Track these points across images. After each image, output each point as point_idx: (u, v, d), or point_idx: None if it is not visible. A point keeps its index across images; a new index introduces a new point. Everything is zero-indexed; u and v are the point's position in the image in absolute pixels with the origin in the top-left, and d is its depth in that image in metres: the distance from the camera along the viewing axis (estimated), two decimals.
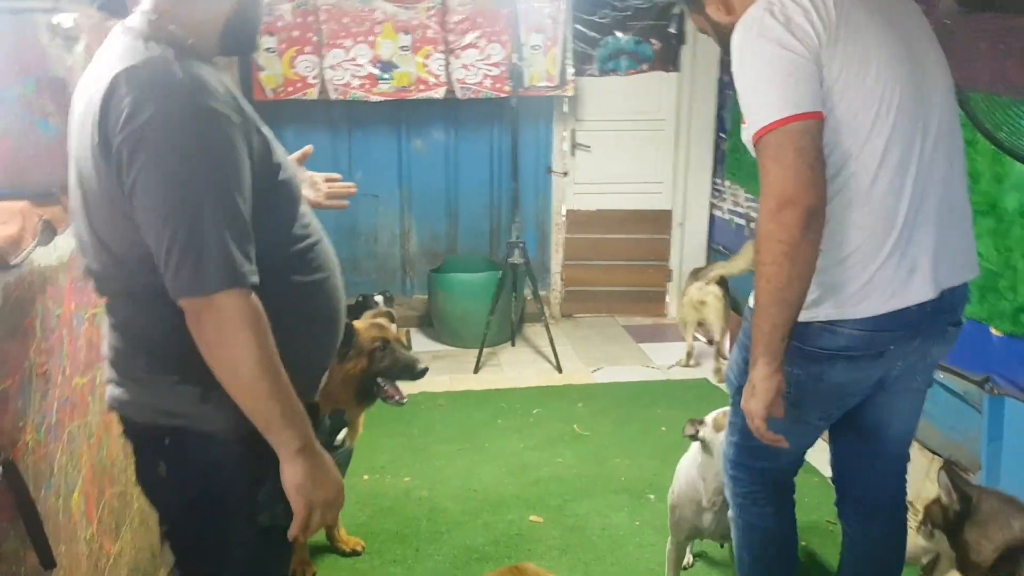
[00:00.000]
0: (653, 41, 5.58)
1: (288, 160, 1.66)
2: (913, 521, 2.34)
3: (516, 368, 5.08)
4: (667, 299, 6.06)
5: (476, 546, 3.14)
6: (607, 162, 5.77)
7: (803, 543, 2.99)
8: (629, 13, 5.50)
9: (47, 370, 1.90)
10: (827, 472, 3.47)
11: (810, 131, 1.68)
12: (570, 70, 5.32)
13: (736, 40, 1.78)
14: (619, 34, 5.54)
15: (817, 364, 1.91)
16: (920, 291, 1.84)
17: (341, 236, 5.67)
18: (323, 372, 1.79)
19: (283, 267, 1.59)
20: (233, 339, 1.39)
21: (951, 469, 2.21)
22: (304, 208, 1.67)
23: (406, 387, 2.88)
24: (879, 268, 1.82)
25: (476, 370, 4.97)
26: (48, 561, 1.70)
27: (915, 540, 2.31)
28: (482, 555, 3.08)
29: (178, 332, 1.43)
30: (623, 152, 5.76)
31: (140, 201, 1.38)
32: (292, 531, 1.54)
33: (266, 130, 1.57)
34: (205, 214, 1.36)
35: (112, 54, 1.48)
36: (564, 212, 5.87)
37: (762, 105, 1.70)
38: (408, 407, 2.94)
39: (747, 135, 1.77)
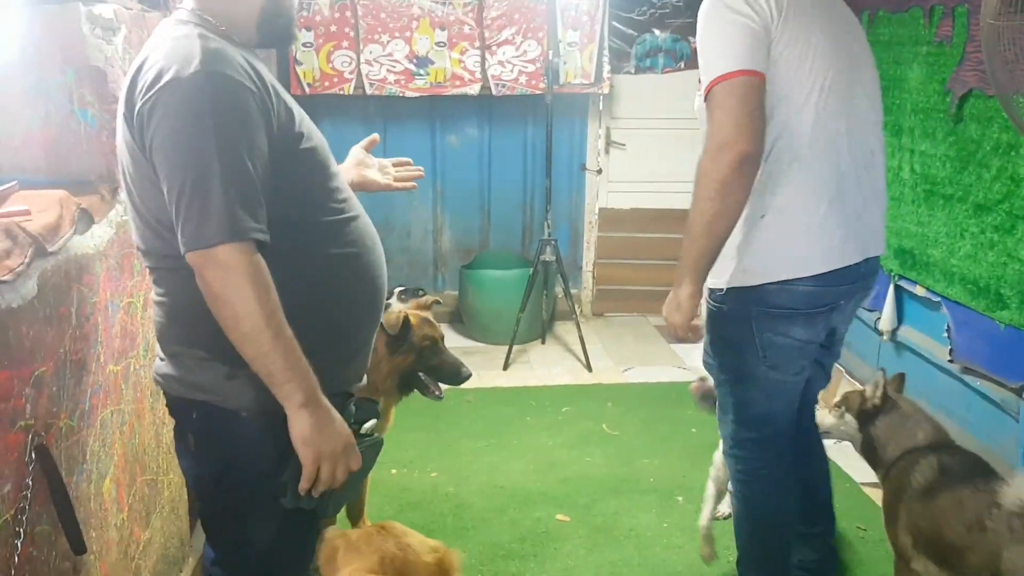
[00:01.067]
0: (691, 39, 5.52)
1: (318, 135, 1.69)
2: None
3: (546, 366, 5.07)
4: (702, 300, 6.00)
5: (502, 543, 3.14)
6: (642, 160, 5.74)
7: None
8: (667, 10, 5.46)
9: (82, 357, 1.92)
10: (859, 478, 3.45)
11: (753, 86, 1.92)
12: (606, 67, 5.29)
13: (701, 10, 2.03)
14: (656, 32, 5.50)
15: (783, 323, 2.15)
16: (852, 254, 2.13)
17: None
18: (361, 347, 1.81)
19: (314, 236, 1.65)
20: (234, 291, 1.43)
21: (892, 379, 2.56)
22: (340, 183, 1.72)
23: None
24: (818, 229, 2.08)
25: (506, 367, 4.97)
26: (79, 546, 1.72)
27: (824, 416, 2.64)
28: (508, 552, 3.08)
29: (207, 306, 1.46)
30: (658, 150, 5.72)
31: (156, 158, 1.45)
32: (302, 484, 1.56)
33: (294, 105, 1.64)
34: (211, 170, 1.41)
35: (152, 39, 1.55)
36: (597, 210, 5.85)
37: (715, 62, 1.93)
38: (437, 404, 2.93)
39: (699, 100, 2.02)
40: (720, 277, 2.16)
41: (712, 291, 2.23)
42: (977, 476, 2.20)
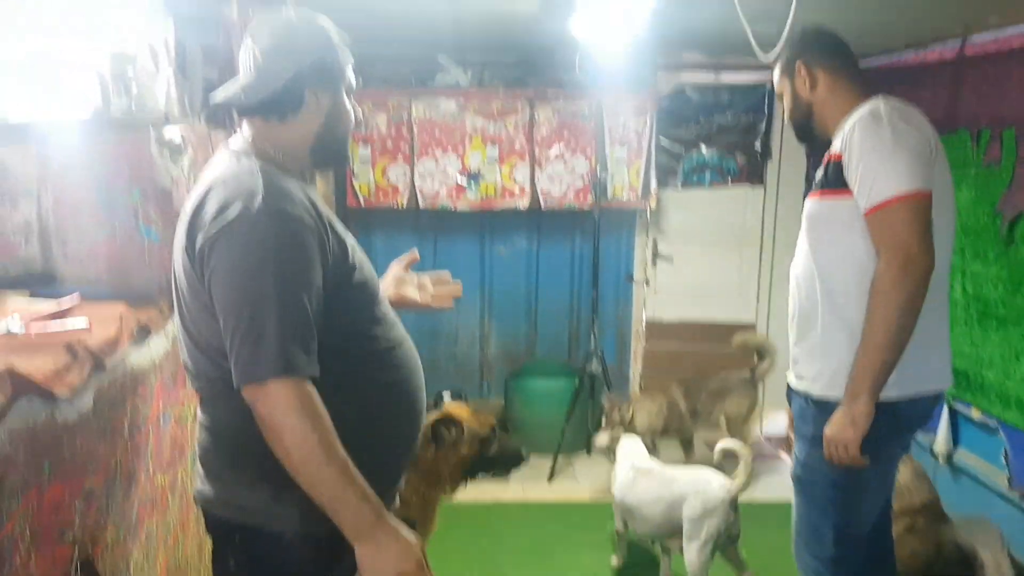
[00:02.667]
0: (738, 156, 5.61)
1: (368, 266, 1.74)
2: None
3: (591, 478, 4.98)
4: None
5: None
6: (689, 273, 5.76)
7: None
8: (714, 129, 5.56)
9: (132, 469, 1.95)
10: None
11: (926, 206, 2.02)
12: (653, 183, 5.37)
13: (864, 124, 2.09)
14: (704, 148, 5.59)
15: (905, 436, 2.26)
16: (948, 378, 2.27)
17: (422, 337, 5.74)
18: (401, 468, 1.81)
19: (361, 363, 1.68)
20: (287, 425, 1.46)
21: None
22: (385, 311, 1.76)
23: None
24: (945, 345, 2.25)
25: (550, 478, 4.90)
26: None
27: None
28: None
29: (255, 429, 1.50)
30: (706, 263, 5.74)
31: (215, 292, 1.50)
32: None
33: (347, 236, 1.69)
34: (268, 307, 1.45)
35: (212, 170, 1.62)
36: (644, 321, 5.84)
37: (892, 177, 2.01)
38: (479, 516, 2.92)
39: (866, 202, 2.06)
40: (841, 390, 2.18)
41: (828, 404, 2.20)
42: None
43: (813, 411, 2.27)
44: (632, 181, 5.33)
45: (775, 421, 5.58)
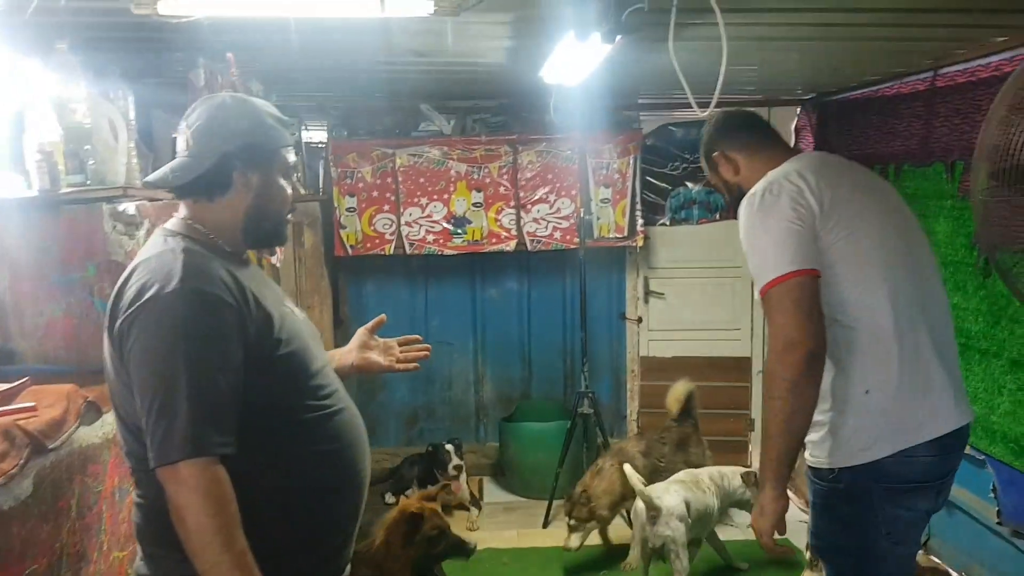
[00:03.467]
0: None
1: (300, 338, 1.75)
2: None
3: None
4: (749, 449, 5.86)
5: None
6: (682, 309, 5.73)
7: None
8: (699, 165, 5.54)
9: (81, 548, 1.96)
10: None
11: (807, 285, 1.98)
12: (639, 221, 5.38)
13: (743, 213, 2.10)
14: (690, 184, 5.60)
15: (905, 496, 2.09)
16: (964, 414, 2.13)
17: (416, 383, 5.76)
18: (345, 540, 1.81)
19: (293, 435, 1.69)
20: (190, 507, 1.47)
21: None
22: (324, 380, 1.77)
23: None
24: (928, 394, 2.08)
25: (545, 524, 4.86)
26: None
27: None
28: None
29: None
30: (698, 299, 5.72)
31: (132, 372, 1.53)
32: None
33: (277, 308, 1.71)
34: (178, 389, 1.48)
35: (142, 251, 1.66)
36: (639, 358, 5.82)
37: (764, 266, 2.01)
38: (472, 565, 3.06)
39: (757, 290, 2.07)
40: (830, 456, 2.13)
41: (819, 471, 2.18)
42: None
43: (810, 477, 2.24)
44: (618, 220, 5.34)
45: None
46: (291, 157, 1.81)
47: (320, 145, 5.55)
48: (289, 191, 1.81)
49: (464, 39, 3.27)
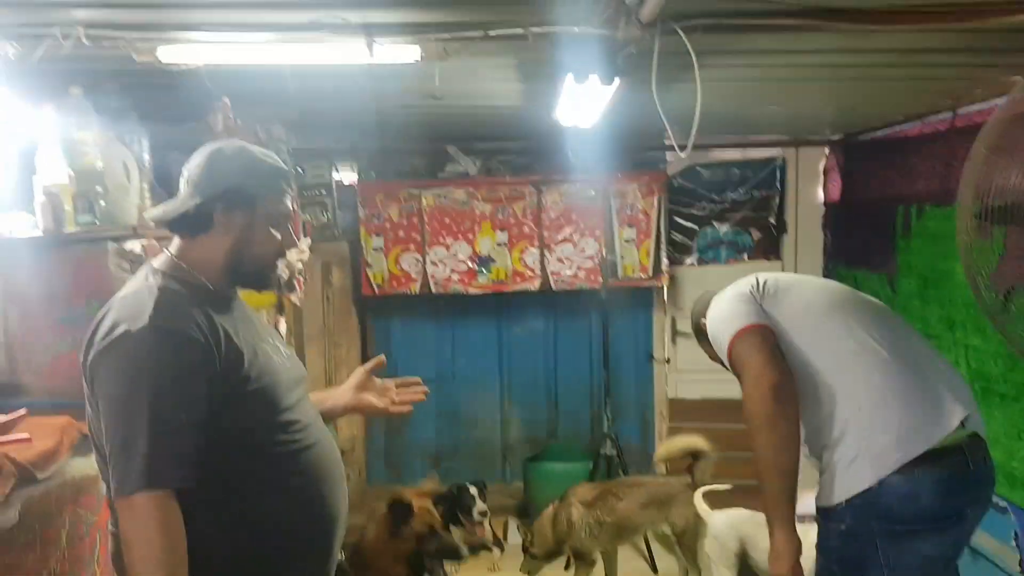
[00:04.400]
0: (752, 231, 5.58)
1: (272, 375, 1.78)
2: None
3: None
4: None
5: None
6: None
7: None
8: (727, 205, 5.55)
9: None
10: None
11: (759, 333, 2.15)
12: (664, 261, 5.37)
13: (708, 315, 2.36)
14: (717, 225, 5.58)
15: (908, 539, 2.07)
16: (955, 415, 2.08)
17: (442, 421, 5.78)
18: (311, 569, 1.82)
19: (261, 469, 1.72)
20: (139, 538, 1.52)
21: None
22: (296, 415, 1.81)
23: None
24: (912, 403, 2.10)
25: (567, 566, 4.80)
26: None
27: None
28: None
29: None
30: None
31: (100, 407, 1.60)
32: None
33: (248, 348, 1.74)
34: (138, 423, 1.54)
35: (126, 286, 1.71)
36: (667, 400, 5.77)
37: (724, 332, 2.20)
38: None
39: (728, 364, 2.23)
40: (833, 494, 2.12)
41: (825, 511, 2.17)
42: None
43: (817, 520, 2.23)
44: (643, 260, 5.34)
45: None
46: (282, 206, 1.85)
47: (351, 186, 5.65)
48: (279, 238, 1.84)
49: (475, 81, 3.34)
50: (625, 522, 4.15)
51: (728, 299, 2.29)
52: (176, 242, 1.81)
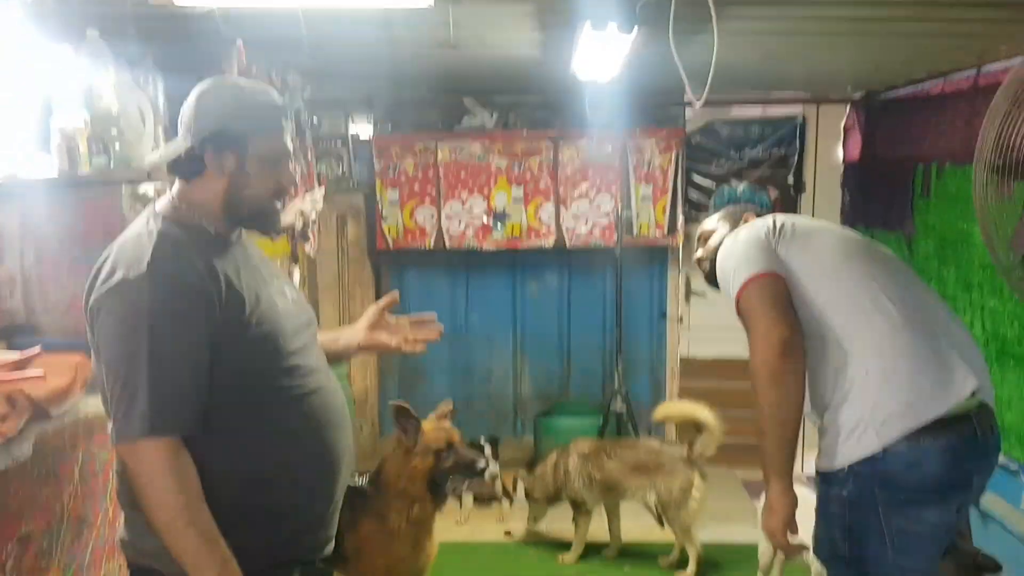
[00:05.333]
0: (770, 190, 5.53)
1: (276, 319, 1.77)
2: None
3: (618, 518, 4.91)
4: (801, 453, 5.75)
5: None
6: (723, 309, 5.61)
7: None
8: (744, 163, 5.50)
9: (83, 513, 2.04)
10: None
11: (770, 283, 2.08)
12: (680, 219, 5.34)
13: (721, 251, 2.30)
14: (735, 183, 5.54)
15: (913, 507, 2.04)
16: (965, 383, 2.04)
17: (455, 375, 5.81)
18: (317, 518, 1.85)
19: (264, 413, 1.73)
20: (153, 484, 1.54)
21: None
22: (300, 360, 1.80)
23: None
24: (925, 369, 2.04)
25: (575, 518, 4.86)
26: None
27: None
28: None
29: None
30: None
31: (100, 352, 1.60)
32: None
33: (254, 290, 1.74)
34: (139, 369, 1.54)
35: (127, 229, 1.70)
36: (679, 359, 5.77)
37: (737, 275, 2.13)
38: (505, 558, 2.98)
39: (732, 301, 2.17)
40: (836, 458, 2.09)
41: (826, 475, 2.14)
42: None
43: (816, 483, 2.20)
44: (658, 218, 5.31)
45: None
46: (276, 143, 1.79)
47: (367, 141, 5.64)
48: (276, 177, 1.80)
49: (492, 30, 3.31)
50: (612, 482, 4.17)
51: (742, 242, 2.22)
52: (176, 185, 1.79)
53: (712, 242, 2.53)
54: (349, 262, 5.45)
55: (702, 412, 3.98)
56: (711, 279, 2.51)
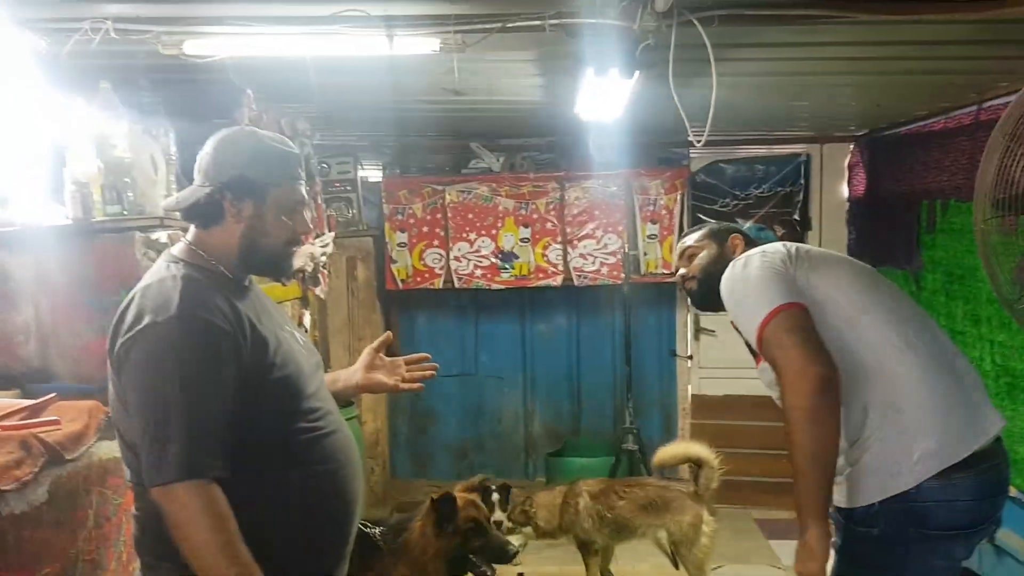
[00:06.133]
0: (776, 227, 5.56)
1: (295, 362, 1.80)
2: None
3: (631, 561, 4.86)
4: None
5: None
6: (733, 346, 5.59)
7: None
8: (750, 201, 5.55)
9: (97, 557, 2.06)
10: None
11: (797, 316, 1.95)
12: None
13: (724, 282, 2.13)
14: (740, 221, 5.57)
15: (944, 543, 2.01)
16: (991, 427, 2.03)
17: (466, 417, 5.82)
18: (335, 560, 1.86)
19: (284, 455, 1.75)
20: (192, 527, 1.55)
21: None
22: (318, 403, 1.83)
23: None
24: (953, 410, 2.00)
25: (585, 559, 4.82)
26: None
27: None
28: None
29: None
30: None
31: (128, 396, 1.62)
32: None
33: (274, 333, 1.78)
34: (172, 412, 1.56)
35: (145, 276, 1.74)
36: (690, 396, 5.77)
37: (753, 310, 1.99)
38: None
39: (754, 345, 2.01)
40: (862, 494, 2.04)
41: (851, 512, 2.07)
42: None
43: (840, 522, 2.14)
44: (665, 256, 5.34)
45: None
46: (294, 193, 1.83)
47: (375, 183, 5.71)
48: (292, 225, 1.83)
49: (496, 76, 3.37)
50: (623, 521, 4.11)
51: (756, 269, 2.08)
52: (192, 230, 1.82)
53: (700, 261, 2.42)
54: (359, 304, 5.49)
55: (696, 449, 4.01)
56: (699, 300, 2.45)
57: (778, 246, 2.16)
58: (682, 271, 2.49)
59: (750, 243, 2.39)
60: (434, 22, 2.37)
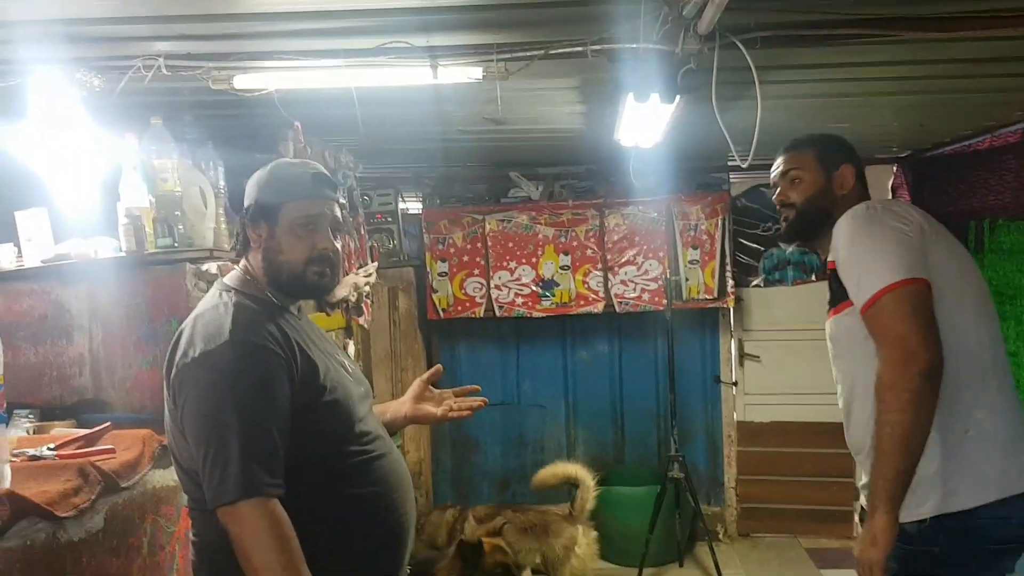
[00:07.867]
0: (819, 252, 5.49)
1: (345, 386, 1.83)
2: None
3: None
4: (855, 519, 5.60)
5: None
6: (779, 372, 5.60)
7: None
8: None
9: None
10: None
11: (923, 294, 1.87)
12: (729, 283, 5.32)
13: (845, 225, 1.99)
14: (783, 246, 5.52)
15: (1004, 559, 1.99)
16: None
17: (508, 446, 5.80)
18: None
19: (336, 478, 1.77)
20: (256, 544, 1.57)
21: None
22: (367, 426, 1.86)
23: None
24: (1016, 443, 1.95)
25: None
26: None
27: None
28: None
29: (229, 547, 1.61)
30: (796, 361, 5.57)
31: (186, 423, 1.66)
32: None
33: (323, 358, 1.81)
34: (231, 437, 1.59)
35: (198, 305, 1.78)
36: (736, 423, 5.70)
37: (876, 272, 1.89)
38: None
39: (858, 302, 1.92)
40: (921, 506, 1.96)
41: (904, 527, 1.96)
42: None
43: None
44: (707, 281, 5.31)
45: None
46: (308, 208, 1.81)
47: (416, 215, 5.76)
48: (309, 241, 1.82)
49: (537, 105, 3.40)
50: (526, 544, 4.16)
51: (891, 229, 1.94)
52: (241, 262, 1.90)
53: (804, 188, 2.23)
54: (401, 334, 5.52)
55: (570, 469, 4.25)
56: (794, 233, 2.30)
57: (911, 210, 2.02)
58: (778, 192, 2.30)
59: (859, 176, 2.24)
60: (477, 51, 2.40)
